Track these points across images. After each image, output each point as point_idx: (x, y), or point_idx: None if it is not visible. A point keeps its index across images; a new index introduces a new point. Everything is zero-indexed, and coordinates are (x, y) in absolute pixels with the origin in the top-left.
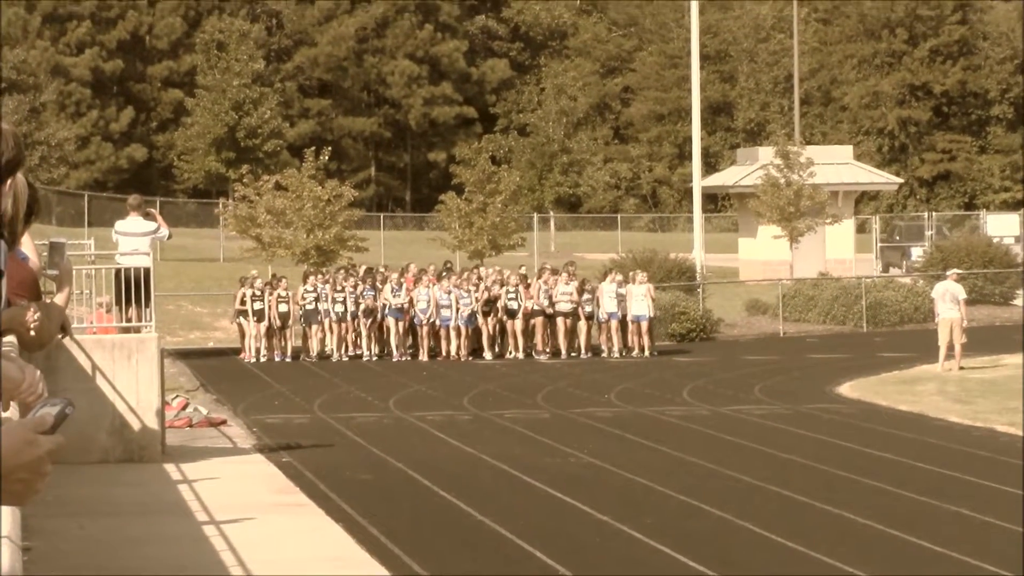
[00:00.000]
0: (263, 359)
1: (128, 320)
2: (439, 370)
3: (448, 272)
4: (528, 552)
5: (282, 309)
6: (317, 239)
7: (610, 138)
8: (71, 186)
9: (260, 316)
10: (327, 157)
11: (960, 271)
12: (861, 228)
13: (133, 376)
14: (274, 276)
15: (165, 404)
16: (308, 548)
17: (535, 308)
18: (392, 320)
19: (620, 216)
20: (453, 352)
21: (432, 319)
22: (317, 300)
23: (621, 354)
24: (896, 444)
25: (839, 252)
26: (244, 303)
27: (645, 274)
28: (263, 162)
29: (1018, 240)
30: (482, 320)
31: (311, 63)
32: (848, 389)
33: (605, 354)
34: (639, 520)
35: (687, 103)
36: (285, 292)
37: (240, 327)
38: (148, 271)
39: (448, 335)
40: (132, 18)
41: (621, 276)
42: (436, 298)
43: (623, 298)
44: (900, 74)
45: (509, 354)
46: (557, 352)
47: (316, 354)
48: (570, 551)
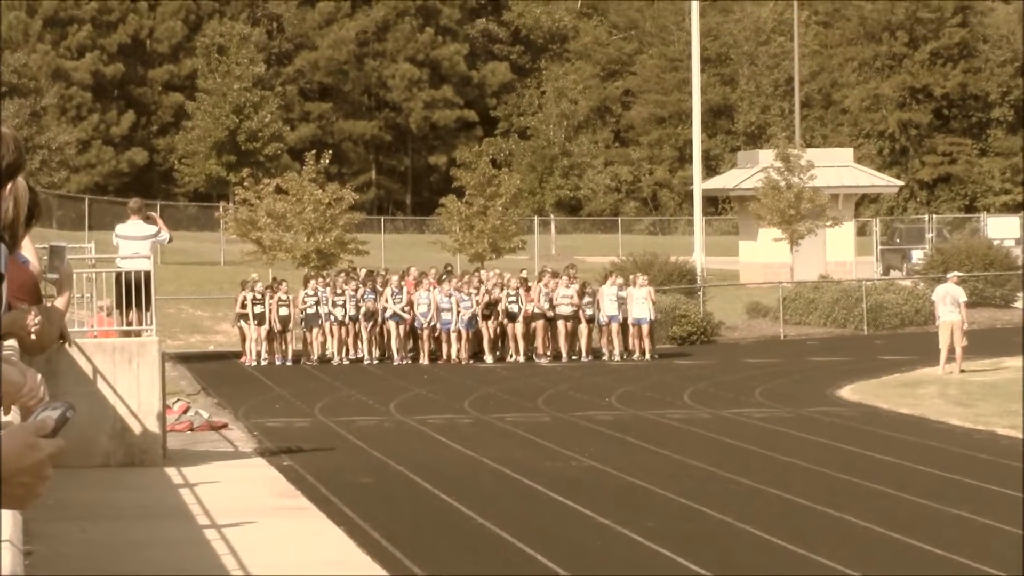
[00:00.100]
0: (264, 363)
1: (129, 324)
2: (440, 373)
3: (449, 275)
4: (529, 555)
5: (283, 312)
6: (318, 242)
7: (610, 141)
8: (72, 190)
9: (261, 319)
10: (328, 160)
11: (961, 274)
12: (862, 231)
13: (134, 380)
14: (275, 279)
15: (166, 408)
16: (309, 552)
17: (536, 311)
18: (393, 323)
19: (621, 219)
20: (454, 355)
21: (433, 322)
22: (318, 303)
23: (622, 357)
24: (897, 447)
25: (840, 255)
26: (245, 307)
27: (646, 277)
28: (264, 165)
29: (1018, 243)
30: (483, 323)
31: (312, 67)
32: (849, 392)
33: (606, 357)
34: (640, 523)
35: (688, 106)
36: (286, 295)
37: (241, 330)
38: (149, 275)
39: (449, 338)
40: (133, 22)
41: (622, 279)
42: (437, 301)
43: (624, 301)
44: (900, 77)
45: (510, 357)
46: (558, 355)
47: (317, 357)
48: (571, 554)
